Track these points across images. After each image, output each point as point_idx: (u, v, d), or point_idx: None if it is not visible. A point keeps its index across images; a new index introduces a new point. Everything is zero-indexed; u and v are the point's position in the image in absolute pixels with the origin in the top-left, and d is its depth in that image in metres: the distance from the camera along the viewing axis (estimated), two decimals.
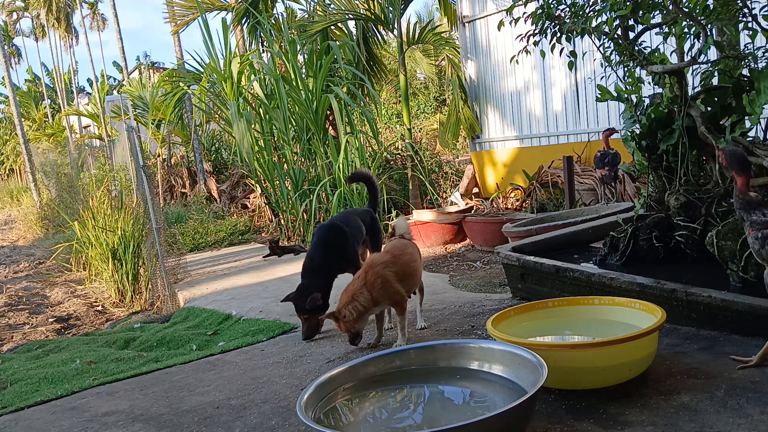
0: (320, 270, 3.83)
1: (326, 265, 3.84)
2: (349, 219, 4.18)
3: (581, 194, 7.45)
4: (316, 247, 3.93)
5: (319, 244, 3.93)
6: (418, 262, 3.57)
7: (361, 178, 5.24)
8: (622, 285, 3.16)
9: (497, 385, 2.39)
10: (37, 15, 41.21)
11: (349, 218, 4.20)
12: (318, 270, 3.83)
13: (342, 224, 4.04)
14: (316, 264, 3.85)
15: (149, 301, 6.80)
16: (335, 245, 3.90)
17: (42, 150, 20.64)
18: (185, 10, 11.42)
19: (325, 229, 4.03)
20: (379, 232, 4.39)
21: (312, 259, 3.89)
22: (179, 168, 13.77)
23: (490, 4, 9.38)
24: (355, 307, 3.22)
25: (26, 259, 10.79)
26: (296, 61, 9.09)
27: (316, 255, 3.89)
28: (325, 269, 3.84)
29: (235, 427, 2.58)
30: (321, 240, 3.94)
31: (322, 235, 3.97)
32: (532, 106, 9.11)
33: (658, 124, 3.75)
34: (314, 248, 3.94)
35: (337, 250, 3.90)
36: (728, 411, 2.13)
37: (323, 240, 3.93)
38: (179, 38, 16.27)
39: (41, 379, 3.75)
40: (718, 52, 3.67)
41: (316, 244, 3.95)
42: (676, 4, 3.47)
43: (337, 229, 3.99)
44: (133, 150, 7.24)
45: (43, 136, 30.24)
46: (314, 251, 3.93)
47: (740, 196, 2.50)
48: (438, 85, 20.19)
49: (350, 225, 4.07)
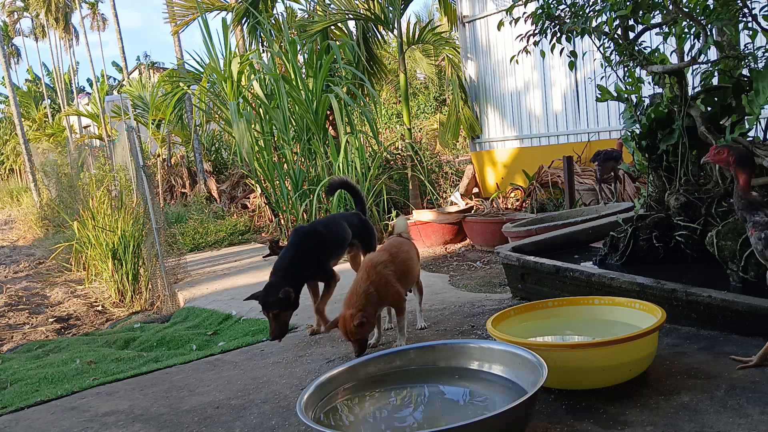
0: (291, 270, 3.65)
1: (298, 266, 3.67)
2: (332, 224, 4.02)
3: (581, 194, 7.45)
4: (291, 248, 3.76)
5: (294, 246, 3.76)
6: (415, 260, 3.56)
7: (340, 185, 4.84)
8: (622, 285, 3.16)
9: (497, 385, 2.39)
10: (37, 15, 41.22)
11: (333, 223, 4.04)
12: (289, 270, 3.65)
13: (323, 230, 3.89)
14: (287, 264, 3.67)
15: (149, 301, 6.80)
16: (311, 250, 3.74)
17: (42, 150, 20.65)
18: (185, 10, 11.42)
19: (304, 233, 3.84)
20: (371, 232, 4.20)
21: (284, 259, 3.71)
22: (179, 168, 13.76)
23: (490, 4, 9.38)
24: (366, 310, 3.07)
25: (26, 259, 10.79)
26: (296, 61, 9.09)
27: (288, 256, 3.72)
28: (297, 270, 3.66)
29: (235, 427, 2.58)
30: (297, 243, 3.77)
31: (300, 238, 3.80)
32: (532, 106, 9.11)
33: (658, 124, 3.75)
34: (289, 249, 3.78)
35: (311, 256, 3.74)
36: (728, 411, 2.13)
37: (299, 243, 3.76)
38: (179, 38, 16.29)
39: (41, 379, 3.75)
40: (718, 52, 3.67)
41: (292, 244, 3.78)
42: (676, 4, 3.47)
43: (317, 234, 3.83)
44: (133, 150, 7.25)
45: (43, 136, 30.25)
46: (288, 252, 3.75)
47: (742, 196, 2.49)
48: (438, 85, 20.19)
49: (333, 231, 3.93)
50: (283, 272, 3.63)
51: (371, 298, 3.13)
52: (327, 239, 3.85)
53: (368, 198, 8.03)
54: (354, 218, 4.16)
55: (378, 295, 3.17)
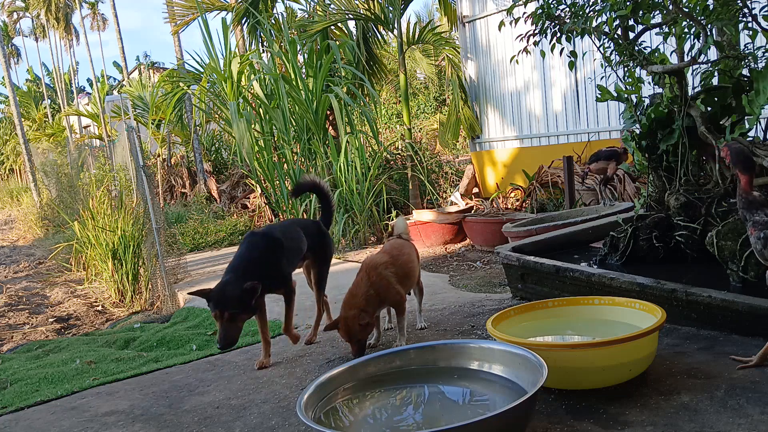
0: (249, 271, 3.12)
1: (259, 268, 3.18)
2: (289, 231, 3.51)
3: (581, 194, 7.45)
4: (248, 251, 3.26)
5: (251, 249, 3.27)
6: (415, 262, 3.55)
7: (308, 188, 4.26)
8: (622, 285, 3.16)
9: (497, 385, 2.39)
10: (37, 15, 41.24)
11: (290, 230, 3.53)
12: (247, 270, 3.13)
13: (279, 235, 3.38)
14: (246, 265, 3.18)
15: (149, 301, 6.80)
16: (270, 255, 3.26)
17: (42, 150, 20.64)
18: (185, 10, 11.42)
19: (259, 236, 3.35)
20: (327, 247, 3.73)
21: (242, 259, 3.22)
22: (179, 168, 13.77)
23: (490, 4, 9.38)
24: (368, 311, 3.06)
25: (26, 259, 10.79)
26: (296, 60, 9.09)
27: (246, 257, 3.23)
28: (255, 273, 3.12)
29: (235, 427, 2.58)
30: (254, 246, 3.29)
31: (254, 241, 3.31)
32: (532, 106, 9.11)
33: (658, 124, 3.75)
34: (246, 252, 3.26)
35: (271, 261, 3.25)
36: (728, 411, 2.13)
37: (257, 247, 3.28)
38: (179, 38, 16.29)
39: (41, 379, 3.75)
40: (718, 52, 3.67)
41: (249, 247, 3.28)
42: (676, 4, 3.47)
43: (272, 239, 3.32)
44: (133, 150, 7.24)
45: (43, 136, 30.25)
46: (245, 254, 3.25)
47: (743, 195, 2.49)
48: (438, 85, 20.19)
49: (288, 238, 3.43)
50: (242, 273, 3.11)
51: (372, 300, 3.13)
52: (284, 246, 3.36)
53: (368, 198, 8.04)
54: (312, 228, 3.69)
55: (378, 297, 3.16)
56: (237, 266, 3.17)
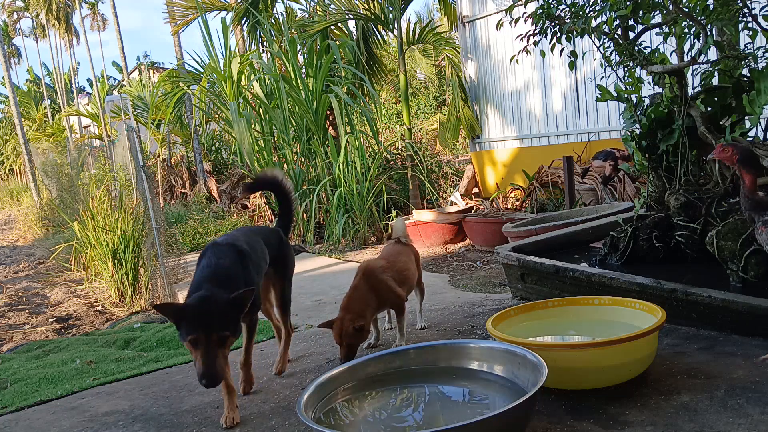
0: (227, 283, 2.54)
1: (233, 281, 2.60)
2: (252, 241, 2.94)
3: (581, 194, 7.45)
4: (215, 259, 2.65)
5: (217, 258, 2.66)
6: (413, 268, 3.52)
7: (267, 184, 3.63)
8: (622, 285, 3.16)
9: (497, 385, 2.39)
10: (37, 15, 41.23)
11: (253, 240, 2.96)
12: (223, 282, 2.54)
13: (245, 247, 2.80)
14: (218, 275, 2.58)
15: (149, 301, 6.79)
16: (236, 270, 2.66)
17: (42, 150, 20.64)
18: (185, 10, 11.43)
19: (225, 246, 2.74)
20: (288, 260, 3.23)
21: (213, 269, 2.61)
22: (179, 168, 13.78)
23: (490, 4, 9.38)
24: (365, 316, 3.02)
25: (26, 259, 10.79)
26: (296, 60, 9.10)
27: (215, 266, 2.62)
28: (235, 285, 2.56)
29: (235, 427, 2.58)
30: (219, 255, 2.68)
31: (221, 251, 2.70)
32: (532, 106, 9.11)
33: (658, 124, 3.75)
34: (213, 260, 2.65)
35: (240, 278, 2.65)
36: (728, 411, 2.13)
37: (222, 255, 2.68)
38: (179, 38, 16.27)
39: (41, 379, 3.75)
40: (718, 52, 3.67)
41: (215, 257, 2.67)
42: (676, 4, 3.47)
43: (239, 251, 2.74)
44: (133, 150, 7.24)
45: (43, 136, 30.27)
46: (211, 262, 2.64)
47: (749, 196, 2.49)
48: (438, 85, 20.21)
49: (253, 249, 2.88)
50: (218, 285, 2.51)
51: (370, 303, 3.12)
52: (252, 260, 2.81)
53: (368, 198, 8.04)
54: (272, 237, 3.17)
55: (377, 301, 3.16)
56: (209, 277, 2.55)
